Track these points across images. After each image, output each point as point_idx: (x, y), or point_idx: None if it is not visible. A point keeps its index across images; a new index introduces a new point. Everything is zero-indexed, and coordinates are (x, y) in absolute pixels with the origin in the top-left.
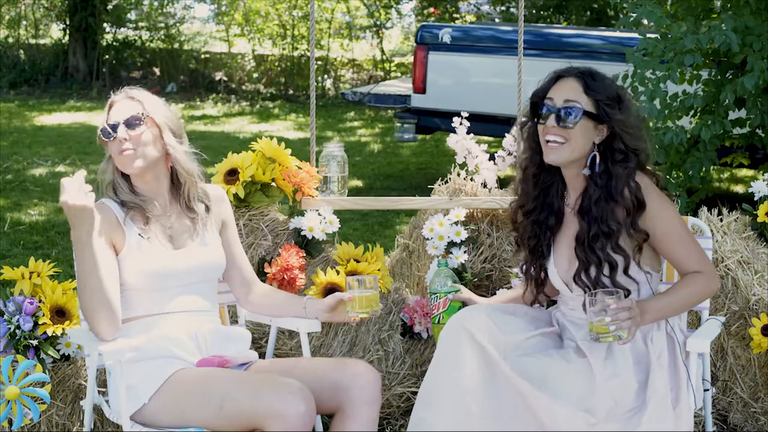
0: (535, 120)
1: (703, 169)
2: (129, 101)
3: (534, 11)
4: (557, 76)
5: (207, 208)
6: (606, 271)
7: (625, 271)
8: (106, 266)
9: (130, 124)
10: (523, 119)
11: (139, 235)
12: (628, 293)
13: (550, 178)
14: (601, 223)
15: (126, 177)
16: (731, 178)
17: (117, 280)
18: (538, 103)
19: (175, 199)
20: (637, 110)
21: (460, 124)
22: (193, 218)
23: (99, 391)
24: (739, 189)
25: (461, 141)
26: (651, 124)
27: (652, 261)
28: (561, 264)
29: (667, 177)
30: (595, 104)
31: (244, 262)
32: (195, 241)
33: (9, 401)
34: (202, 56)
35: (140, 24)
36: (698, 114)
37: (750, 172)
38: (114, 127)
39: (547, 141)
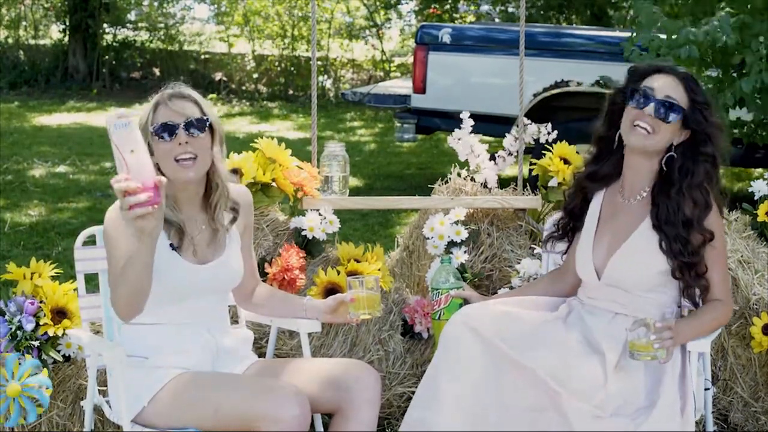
0: (627, 101)
1: None
2: (184, 101)
3: (534, 11)
4: (657, 69)
5: (234, 219)
6: (689, 251)
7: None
8: (147, 277)
9: (192, 127)
10: (614, 92)
11: (171, 246)
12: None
13: (608, 153)
14: (678, 212)
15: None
16: (731, 178)
17: (150, 284)
18: (635, 87)
19: (204, 209)
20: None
21: (465, 121)
22: (220, 229)
23: (99, 391)
24: (739, 188)
25: (464, 138)
26: None
27: None
28: (599, 251)
29: None
30: (690, 108)
31: (254, 267)
32: (221, 254)
33: (9, 398)
34: (202, 56)
35: (140, 24)
36: None
37: (750, 171)
38: (173, 128)
39: (637, 125)
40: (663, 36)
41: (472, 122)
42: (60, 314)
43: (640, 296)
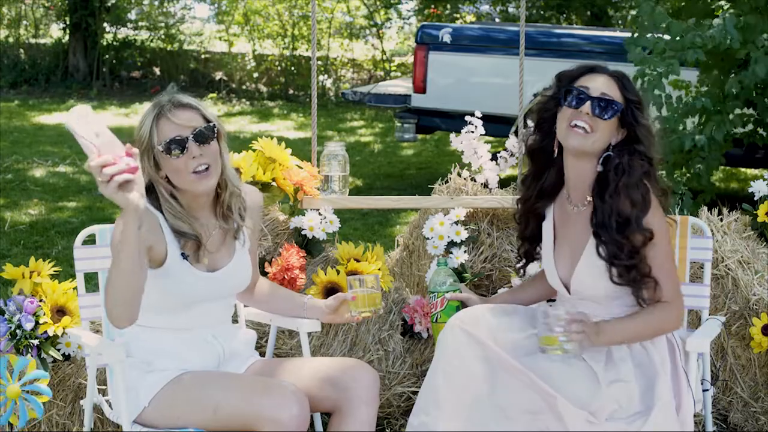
0: (561, 103)
1: (711, 171)
2: (186, 111)
3: (534, 11)
4: (589, 69)
5: (242, 218)
6: (626, 254)
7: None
8: (140, 270)
9: (201, 138)
10: (543, 100)
11: (182, 255)
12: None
13: (548, 164)
14: (615, 214)
15: (172, 191)
16: (731, 178)
17: (144, 282)
18: (569, 88)
19: (214, 213)
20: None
21: (470, 123)
22: (231, 233)
23: (99, 390)
24: (739, 188)
25: (469, 141)
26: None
27: None
28: (562, 265)
29: (667, 177)
30: (626, 106)
31: (257, 265)
32: (231, 260)
33: (12, 400)
34: (203, 56)
35: (140, 23)
36: (705, 116)
37: (751, 172)
38: (183, 142)
39: (575, 125)
40: (666, 37)
41: (480, 123)
42: (60, 313)
43: (612, 305)
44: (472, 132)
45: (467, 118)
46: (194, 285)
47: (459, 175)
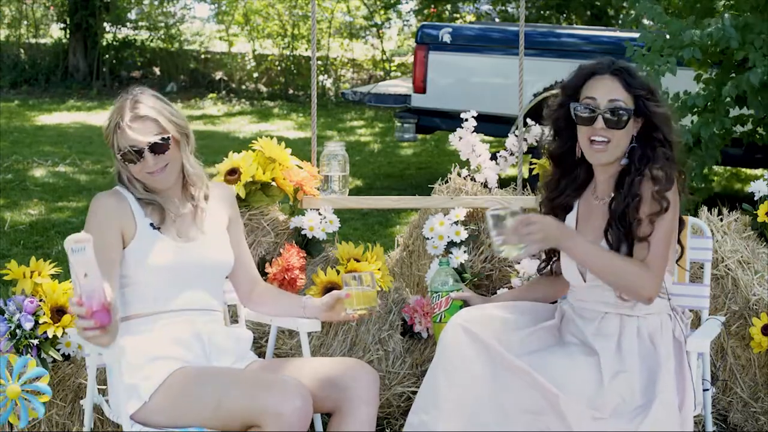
0: (574, 118)
1: (705, 168)
2: (143, 123)
3: (534, 11)
4: (590, 73)
5: (205, 197)
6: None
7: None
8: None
9: (157, 149)
10: (553, 110)
11: (151, 225)
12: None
13: (575, 164)
14: (632, 196)
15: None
16: (731, 178)
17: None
18: (577, 106)
19: (186, 198)
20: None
21: (467, 120)
22: (202, 216)
23: (99, 390)
24: (739, 188)
25: (466, 138)
26: None
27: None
28: None
29: None
30: (634, 100)
31: (250, 261)
32: (205, 237)
33: (12, 400)
34: (202, 56)
35: (140, 23)
36: (699, 113)
37: (750, 172)
38: (139, 153)
39: (593, 141)
40: (666, 36)
41: (474, 122)
42: (60, 313)
43: None
44: (469, 128)
45: (462, 115)
46: (165, 252)
47: (459, 174)
